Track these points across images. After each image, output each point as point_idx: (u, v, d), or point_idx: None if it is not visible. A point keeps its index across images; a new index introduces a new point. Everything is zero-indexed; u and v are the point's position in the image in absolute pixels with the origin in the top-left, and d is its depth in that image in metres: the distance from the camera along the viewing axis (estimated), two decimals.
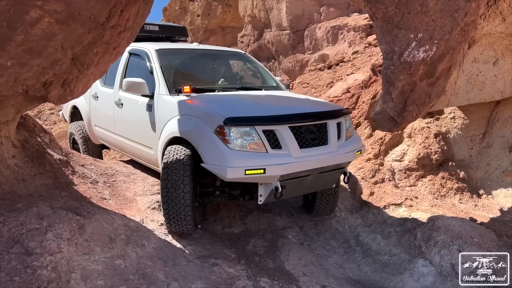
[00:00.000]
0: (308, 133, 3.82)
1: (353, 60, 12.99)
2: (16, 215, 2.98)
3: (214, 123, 3.60)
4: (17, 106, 3.36)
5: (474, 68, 4.91)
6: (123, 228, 3.47)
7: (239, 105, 4.18)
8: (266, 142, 3.59)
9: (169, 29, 6.73)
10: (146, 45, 5.14)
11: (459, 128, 5.83)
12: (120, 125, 5.22)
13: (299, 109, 4.23)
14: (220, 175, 3.51)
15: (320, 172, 3.92)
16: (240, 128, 3.56)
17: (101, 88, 5.69)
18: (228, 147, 3.51)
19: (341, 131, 4.14)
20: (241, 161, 3.48)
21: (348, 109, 4.62)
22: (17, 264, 2.69)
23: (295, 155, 3.66)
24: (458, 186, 5.40)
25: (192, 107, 4.04)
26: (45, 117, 19.70)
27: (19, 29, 2.61)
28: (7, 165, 3.58)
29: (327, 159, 3.89)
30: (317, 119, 3.96)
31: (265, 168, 3.49)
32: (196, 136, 3.72)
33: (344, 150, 4.05)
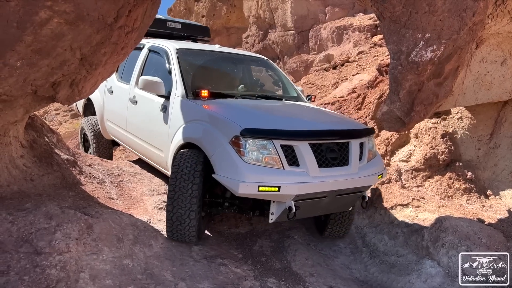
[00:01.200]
0: (329, 152, 3.57)
1: (358, 60, 12.99)
2: (25, 214, 2.99)
3: (230, 132, 3.42)
4: (25, 106, 3.38)
5: (482, 68, 4.88)
6: (131, 228, 3.48)
7: (257, 115, 3.93)
8: (283, 158, 3.38)
9: (191, 28, 6.56)
10: (167, 43, 4.98)
11: (466, 129, 5.80)
12: (132, 123, 5.06)
13: (321, 125, 4.00)
14: (232, 189, 3.32)
15: (338, 195, 3.67)
16: (257, 141, 3.35)
17: (117, 82, 5.55)
18: (243, 159, 3.31)
19: (363, 152, 3.89)
20: (255, 176, 3.27)
21: (372, 129, 4.35)
22: (26, 263, 2.70)
23: (313, 175, 3.44)
24: (465, 186, 5.37)
25: (208, 113, 3.85)
26: (51, 118, 19.84)
27: (28, 29, 2.62)
28: (15, 165, 3.60)
29: (346, 181, 3.64)
30: (340, 138, 3.72)
31: (280, 186, 3.28)
32: (209, 145, 3.54)
33: (365, 173, 3.79)
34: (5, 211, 2.98)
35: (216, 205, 3.82)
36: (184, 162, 3.56)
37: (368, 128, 4.25)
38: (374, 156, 4.13)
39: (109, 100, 5.69)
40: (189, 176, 3.48)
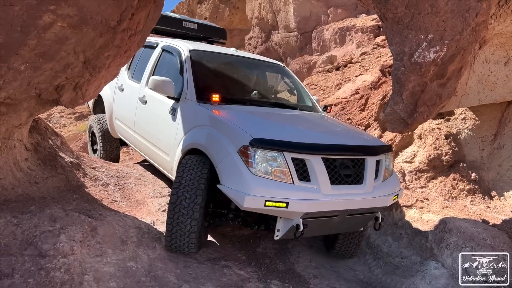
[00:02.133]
0: (343, 169, 3.36)
1: (361, 61, 12.97)
2: (29, 217, 3.00)
3: (239, 141, 3.24)
4: (29, 110, 3.40)
5: (485, 69, 4.87)
6: (135, 230, 3.49)
7: (269, 124, 3.78)
8: (293, 172, 3.18)
9: (208, 29, 6.40)
10: (181, 43, 4.83)
11: (470, 129, 5.78)
12: (140, 124, 4.92)
13: (336, 139, 3.80)
14: (236, 201, 3.14)
15: (350, 214, 3.47)
16: (267, 152, 3.17)
17: (127, 80, 5.43)
18: (250, 171, 3.13)
19: (379, 170, 3.66)
20: (262, 189, 3.09)
21: (390, 146, 4.11)
22: (31, 266, 2.71)
23: (325, 192, 3.23)
24: (469, 187, 5.35)
25: (218, 119, 3.69)
26: (55, 120, 19.93)
27: (32, 33, 2.64)
28: (20, 168, 3.62)
29: (359, 201, 3.42)
30: (355, 154, 3.51)
31: (288, 202, 3.08)
32: (216, 153, 3.37)
33: (380, 192, 3.57)
34: (10, 214, 3.00)
35: (219, 216, 3.63)
36: (189, 169, 3.42)
37: (386, 145, 4.03)
38: (391, 175, 3.89)
39: (119, 98, 5.57)
40: (193, 183, 3.34)
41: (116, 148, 6.05)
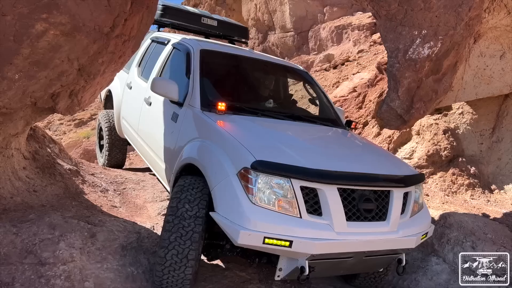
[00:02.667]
0: (363, 202, 2.83)
1: (359, 59, 12.98)
2: (28, 225, 3.01)
3: (240, 162, 2.74)
4: (26, 118, 3.41)
5: (481, 63, 4.87)
6: (135, 236, 3.49)
7: (279, 142, 3.14)
8: (302, 204, 2.67)
9: (229, 27, 5.90)
10: (192, 41, 4.34)
11: (468, 124, 5.78)
12: (143, 126, 4.51)
13: (357, 164, 3.16)
14: (230, 236, 2.64)
15: (367, 256, 2.93)
16: (271, 178, 2.66)
17: (136, 78, 5.02)
18: (250, 199, 2.62)
19: (407, 204, 3.11)
20: (262, 223, 2.58)
21: (422, 175, 3.51)
22: (31, 274, 2.72)
23: (338, 229, 2.71)
24: (469, 182, 5.36)
25: (219, 133, 3.18)
26: (55, 128, 19.98)
27: (25, 42, 2.65)
28: (18, 176, 3.63)
29: (381, 241, 2.88)
30: (380, 184, 2.94)
31: (292, 241, 2.58)
32: (213, 173, 2.89)
33: (406, 231, 3.00)
34: (9, 223, 3.00)
35: (216, 247, 3.11)
36: (185, 195, 2.92)
37: (418, 175, 3.38)
38: (420, 210, 3.32)
39: (126, 96, 5.20)
40: (190, 217, 2.83)
41: (122, 146, 5.74)
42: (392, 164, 3.47)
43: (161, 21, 5.54)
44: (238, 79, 4.48)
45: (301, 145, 3.34)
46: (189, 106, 3.64)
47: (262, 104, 4.21)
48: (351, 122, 4.31)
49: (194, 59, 3.97)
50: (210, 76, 4.01)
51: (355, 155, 3.53)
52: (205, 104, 3.60)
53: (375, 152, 3.74)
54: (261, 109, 3.94)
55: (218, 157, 2.93)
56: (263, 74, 4.71)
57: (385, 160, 3.58)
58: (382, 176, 3.03)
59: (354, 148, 3.77)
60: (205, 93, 3.71)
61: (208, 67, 4.00)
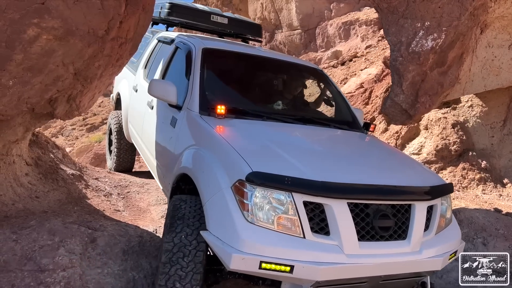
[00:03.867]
0: (378, 218, 2.43)
1: (367, 55, 12.84)
2: (28, 232, 3.00)
3: (234, 174, 2.42)
4: (25, 125, 3.41)
5: (489, 53, 4.74)
6: (137, 239, 3.45)
7: (282, 151, 2.74)
8: (305, 222, 2.31)
9: (240, 24, 5.56)
10: (194, 39, 4.06)
11: (478, 117, 5.64)
12: (146, 132, 4.25)
13: (372, 175, 2.74)
14: (222, 259, 2.31)
15: (384, 280, 2.51)
16: (270, 192, 2.32)
17: (142, 80, 4.75)
18: (245, 216, 2.29)
19: (431, 220, 2.71)
20: (258, 245, 2.23)
21: (450, 186, 3.00)
22: (31, 281, 2.69)
23: (349, 251, 2.33)
24: (480, 176, 5.22)
25: (215, 139, 2.88)
26: (67, 133, 20.24)
27: (17, 48, 2.63)
28: (20, 183, 3.63)
29: (400, 264, 2.49)
30: (399, 198, 2.55)
31: (293, 266, 2.22)
32: (205, 185, 2.59)
33: (430, 251, 2.58)
34: (10, 230, 2.99)
35: (215, 272, 2.72)
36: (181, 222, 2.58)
37: (444, 185, 2.92)
38: (448, 224, 2.90)
39: (133, 99, 4.96)
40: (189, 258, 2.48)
41: (131, 151, 5.57)
42: (414, 173, 3.03)
43: (169, 20, 5.33)
44: (243, 79, 4.13)
45: (308, 153, 2.96)
46: (187, 109, 3.39)
47: (269, 107, 3.88)
48: (369, 125, 3.88)
49: (195, 58, 3.70)
50: (212, 77, 3.74)
51: (371, 163, 3.08)
52: (204, 107, 3.31)
53: (395, 159, 3.32)
54: (267, 112, 3.62)
55: (212, 167, 2.62)
56: (272, 73, 4.37)
57: (406, 168, 3.14)
58: (401, 188, 2.61)
59: (371, 155, 3.31)
60: (204, 95, 3.43)
61: (210, 67, 3.73)
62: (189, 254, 2.48)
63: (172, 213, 2.67)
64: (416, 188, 2.67)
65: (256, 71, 4.24)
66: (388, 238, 2.47)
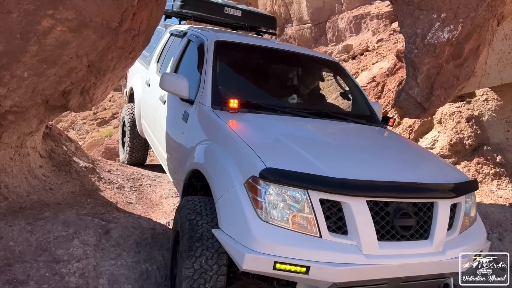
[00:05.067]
0: (399, 217, 2.33)
1: (378, 49, 12.71)
2: (43, 223, 3.02)
3: (248, 170, 2.34)
4: (39, 117, 3.42)
5: (505, 46, 4.65)
6: (149, 232, 3.46)
7: (297, 146, 2.62)
8: (322, 220, 2.22)
9: (254, 17, 5.47)
10: (207, 32, 3.96)
11: (493, 110, 5.55)
12: (158, 127, 4.19)
13: (393, 171, 2.61)
14: (234, 259, 2.25)
15: (405, 281, 2.42)
16: (284, 189, 2.24)
17: (154, 75, 4.67)
18: (258, 215, 2.21)
19: (455, 218, 2.60)
20: (272, 244, 2.16)
21: (475, 182, 2.92)
22: (46, 271, 2.72)
23: (368, 251, 2.24)
24: (495, 171, 5.15)
25: (228, 134, 2.79)
26: (78, 127, 20.40)
27: (32, 39, 2.64)
28: (34, 175, 3.65)
29: (422, 265, 2.38)
30: (421, 195, 2.46)
31: (309, 267, 2.13)
32: (218, 182, 2.51)
33: (454, 251, 2.47)
34: (24, 221, 3.02)
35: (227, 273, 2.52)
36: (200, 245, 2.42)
37: (469, 182, 2.79)
38: (473, 223, 2.79)
39: (145, 93, 4.90)
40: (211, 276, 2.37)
41: (144, 145, 5.56)
42: (437, 169, 2.91)
43: (182, 13, 5.26)
44: (257, 72, 4.01)
45: (325, 148, 2.83)
46: (200, 104, 3.30)
47: (284, 100, 3.74)
48: (388, 119, 3.73)
49: (207, 51, 3.60)
50: (225, 70, 3.66)
51: (391, 159, 2.93)
52: (217, 101, 3.22)
53: (416, 155, 3.19)
54: (282, 106, 3.51)
55: (224, 164, 2.53)
56: (287, 66, 4.23)
57: (429, 164, 3.01)
58: (423, 185, 2.51)
59: (390, 151, 3.16)
60: (217, 89, 3.34)
61: (223, 60, 3.66)
62: (211, 280, 2.37)
63: (190, 233, 2.49)
64: (439, 185, 2.57)
65: (270, 64, 4.12)
66: (409, 238, 2.38)
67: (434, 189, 2.52)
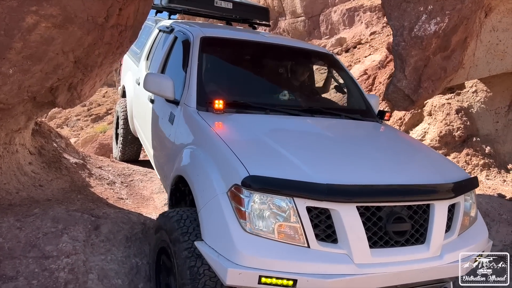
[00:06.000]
0: (392, 222, 2.20)
1: (371, 41, 12.72)
2: (32, 220, 3.03)
3: (230, 178, 2.21)
4: (27, 113, 3.42)
5: (493, 37, 4.68)
6: (140, 227, 3.48)
7: (283, 149, 2.47)
8: (309, 229, 2.10)
9: (246, 8, 5.28)
10: (193, 28, 3.76)
11: (482, 102, 5.59)
12: (147, 127, 4.05)
13: (385, 172, 2.46)
14: (217, 274, 2.11)
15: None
16: (269, 197, 2.11)
17: (144, 73, 4.42)
18: (242, 225, 2.09)
19: (453, 219, 2.47)
20: (257, 257, 2.03)
21: (475, 180, 2.73)
22: (35, 267, 2.73)
23: (359, 260, 2.12)
24: (484, 162, 5.20)
25: (211, 138, 2.63)
26: (72, 124, 20.32)
27: (16, 36, 2.63)
28: (23, 172, 3.66)
29: (418, 271, 2.26)
30: (414, 198, 2.31)
31: (296, 280, 2.01)
32: (200, 190, 2.38)
33: (453, 255, 2.35)
34: (14, 218, 3.03)
35: None
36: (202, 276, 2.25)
37: (467, 180, 2.64)
38: (473, 223, 2.66)
39: (136, 92, 4.70)
40: None
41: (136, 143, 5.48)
42: (433, 168, 2.72)
43: (170, 7, 5.09)
44: (246, 69, 3.81)
45: (313, 150, 2.65)
46: (184, 105, 3.15)
47: (275, 98, 3.56)
48: (385, 113, 3.58)
49: (193, 49, 3.43)
50: (212, 68, 3.51)
51: (384, 158, 2.74)
52: (202, 102, 3.06)
53: (412, 152, 3.03)
54: (271, 104, 3.31)
55: (207, 171, 2.40)
56: (278, 60, 4.05)
57: (425, 162, 2.84)
58: (418, 187, 2.36)
59: (384, 149, 2.99)
60: (202, 89, 3.18)
61: (210, 58, 3.50)
62: None
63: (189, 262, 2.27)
64: (436, 186, 2.41)
65: (260, 59, 3.93)
66: (404, 243, 2.24)
67: (429, 190, 2.38)
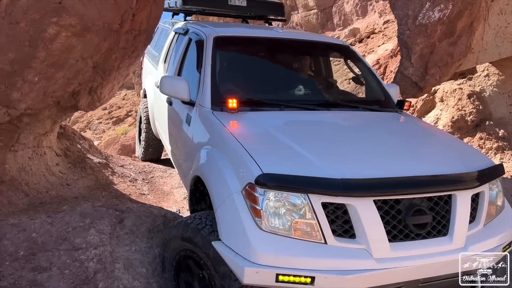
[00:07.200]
0: (411, 214, 2.13)
1: (384, 30, 12.67)
2: (62, 216, 3.26)
3: (244, 176, 2.20)
4: (52, 118, 3.66)
5: (502, 20, 4.69)
6: (161, 219, 3.68)
7: (298, 145, 2.42)
8: (326, 225, 2.06)
9: (261, 5, 5.23)
10: (206, 29, 3.76)
11: (494, 86, 5.58)
12: (167, 129, 4.10)
13: (404, 163, 2.38)
14: (235, 273, 2.11)
15: (424, 283, 2.21)
16: (284, 194, 2.09)
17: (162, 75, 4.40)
18: (257, 224, 2.08)
19: (478, 209, 2.38)
20: (273, 255, 2.02)
21: (500, 167, 2.63)
22: (66, 259, 2.96)
23: (379, 255, 2.06)
24: (498, 145, 5.21)
25: (225, 138, 2.61)
26: (94, 127, 20.87)
27: (40, 46, 2.85)
28: (52, 172, 3.91)
29: (441, 264, 2.18)
30: (434, 189, 2.22)
31: (314, 277, 1.99)
32: (216, 190, 2.39)
33: (478, 246, 2.28)
34: (45, 214, 3.27)
35: None
36: None
37: (492, 168, 2.53)
38: (500, 212, 2.54)
39: (156, 95, 4.73)
40: None
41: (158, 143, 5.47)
42: (455, 157, 2.57)
43: (185, 9, 5.10)
44: (260, 66, 3.78)
45: (329, 145, 2.57)
46: (199, 106, 3.16)
47: (290, 93, 3.49)
48: (404, 102, 3.40)
49: (206, 49, 3.41)
50: (226, 68, 3.51)
51: (403, 149, 2.66)
52: (216, 102, 3.04)
53: (433, 141, 2.92)
54: (286, 100, 3.24)
55: (222, 170, 2.39)
56: (292, 56, 4.01)
57: (446, 151, 2.70)
58: (437, 177, 2.26)
59: (403, 140, 2.88)
60: (216, 89, 3.16)
61: (223, 57, 3.49)
62: None
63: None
64: (457, 175, 2.30)
65: (273, 55, 3.89)
66: (425, 236, 2.17)
67: (450, 180, 2.28)
